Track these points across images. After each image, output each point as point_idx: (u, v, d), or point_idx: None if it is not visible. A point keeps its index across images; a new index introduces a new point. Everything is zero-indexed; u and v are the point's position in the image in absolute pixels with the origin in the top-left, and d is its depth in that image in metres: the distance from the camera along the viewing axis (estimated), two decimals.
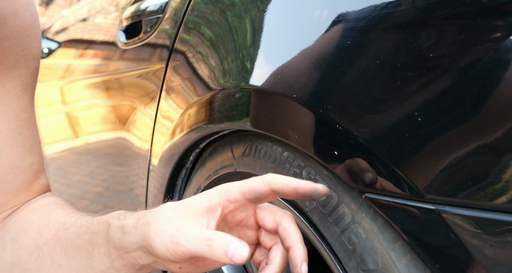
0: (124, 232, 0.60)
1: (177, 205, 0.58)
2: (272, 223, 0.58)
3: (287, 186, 0.54)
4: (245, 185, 0.56)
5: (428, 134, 0.45)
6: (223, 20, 0.81)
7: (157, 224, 0.57)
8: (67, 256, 0.67)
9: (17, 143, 0.75)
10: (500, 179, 0.41)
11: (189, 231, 0.54)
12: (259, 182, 0.56)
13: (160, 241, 0.55)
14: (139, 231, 0.58)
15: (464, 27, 0.44)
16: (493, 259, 0.41)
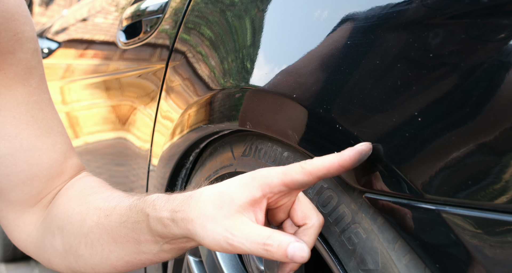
0: (164, 225, 0.60)
1: (217, 198, 0.56)
2: (300, 219, 0.57)
3: (332, 168, 0.52)
4: (287, 176, 0.54)
5: (428, 134, 0.45)
6: (223, 20, 0.81)
7: (202, 222, 0.56)
8: (116, 243, 0.68)
9: (32, 126, 0.76)
10: (500, 179, 0.41)
11: (243, 234, 0.53)
12: (301, 174, 0.54)
13: (212, 240, 0.55)
14: (182, 227, 0.58)
15: (465, 28, 0.44)
16: (493, 259, 0.41)
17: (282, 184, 0.54)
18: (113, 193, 0.75)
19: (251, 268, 0.77)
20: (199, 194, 0.58)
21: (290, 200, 0.57)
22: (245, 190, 0.55)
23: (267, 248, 0.52)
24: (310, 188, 0.62)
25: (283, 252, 0.51)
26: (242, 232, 0.53)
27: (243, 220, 0.54)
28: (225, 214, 0.55)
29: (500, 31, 0.41)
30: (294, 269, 0.59)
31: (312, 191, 0.62)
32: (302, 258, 0.51)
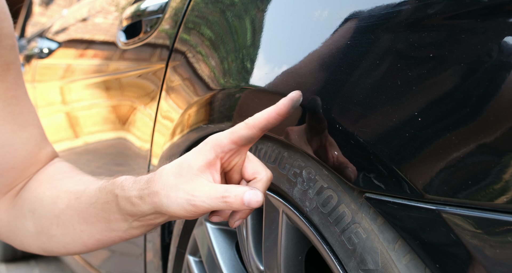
0: (133, 204, 0.65)
1: (176, 168, 0.61)
2: (250, 174, 0.63)
3: (270, 117, 0.58)
4: (234, 134, 0.60)
5: (428, 134, 0.45)
6: (223, 20, 0.81)
7: (165, 192, 0.61)
8: (87, 222, 0.73)
9: (9, 121, 0.78)
10: (500, 179, 0.41)
11: (202, 193, 0.59)
12: (246, 128, 0.59)
13: (176, 206, 0.60)
14: (149, 201, 0.62)
15: (465, 28, 0.44)
16: (493, 259, 0.41)
17: (231, 142, 0.60)
18: (82, 178, 0.79)
19: (251, 268, 0.77)
20: (161, 170, 0.63)
21: (241, 159, 0.63)
22: (200, 155, 0.61)
23: (226, 200, 0.58)
24: (310, 189, 0.62)
25: (240, 201, 0.57)
26: (202, 191, 0.59)
27: (201, 182, 0.60)
28: (185, 180, 0.60)
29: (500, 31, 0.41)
30: (244, 217, 0.64)
31: (312, 191, 0.62)
32: (257, 203, 0.57)
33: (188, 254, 0.96)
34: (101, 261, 1.50)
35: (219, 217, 0.65)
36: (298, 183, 0.64)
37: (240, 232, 0.80)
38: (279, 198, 0.69)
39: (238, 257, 0.87)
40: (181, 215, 0.61)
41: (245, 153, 0.63)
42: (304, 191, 0.63)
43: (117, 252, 1.36)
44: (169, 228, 1.06)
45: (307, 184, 0.63)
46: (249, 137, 0.59)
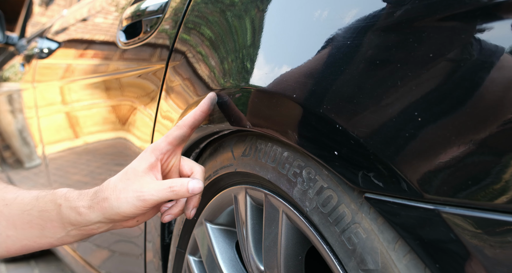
0: (80, 213, 0.71)
1: (123, 175, 0.71)
2: (188, 171, 0.76)
3: (196, 115, 0.72)
4: (169, 137, 0.72)
5: (428, 134, 0.45)
6: (223, 20, 0.81)
7: (115, 196, 0.69)
8: (16, 228, 0.76)
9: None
10: (500, 179, 0.41)
11: (150, 188, 0.69)
12: (178, 129, 0.72)
13: (126, 205, 0.68)
14: (98, 208, 0.70)
15: (465, 27, 0.44)
16: (493, 259, 0.41)
17: (167, 144, 0.71)
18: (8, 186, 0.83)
19: (251, 268, 0.77)
20: (108, 181, 0.71)
21: (177, 159, 0.75)
22: (142, 160, 0.71)
23: (173, 189, 0.68)
24: (310, 189, 0.62)
25: (185, 189, 0.68)
26: (149, 187, 0.69)
27: (147, 180, 0.70)
28: (132, 182, 0.69)
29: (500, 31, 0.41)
30: (196, 205, 0.75)
31: (312, 191, 0.62)
32: (200, 189, 0.69)
33: (188, 254, 0.96)
34: (101, 261, 1.50)
35: (171, 216, 0.75)
36: (298, 183, 0.64)
37: (240, 232, 0.80)
38: (279, 198, 0.69)
39: (238, 257, 0.87)
40: (131, 213, 0.69)
41: (179, 152, 0.74)
42: (304, 191, 0.63)
43: (117, 252, 1.36)
44: (169, 228, 1.06)
45: (307, 184, 0.63)
46: (182, 136, 0.72)
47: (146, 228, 1.12)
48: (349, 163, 0.54)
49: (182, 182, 0.68)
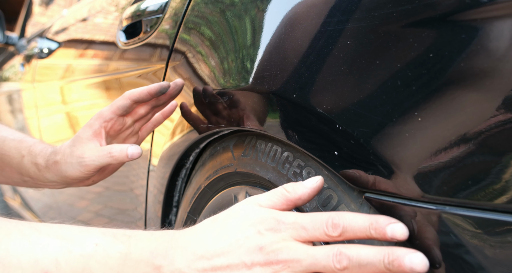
0: (39, 170, 0.77)
1: (71, 141, 0.76)
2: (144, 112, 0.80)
3: (142, 93, 0.75)
4: (113, 106, 0.76)
5: (428, 134, 0.45)
6: (223, 20, 0.81)
7: (64, 160, 0.75)
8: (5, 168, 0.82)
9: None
10: (500, 179, 0.41)
11: (91, 154, 0.73)
12: (122, 99, 0.75)
13: (72, 169, 0.74)
14: (52, 170, 0.76)
15: (464, 27, 0.44)
16: (493, 259, 0.41)
17: (111, 113, 0.76)
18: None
19: None
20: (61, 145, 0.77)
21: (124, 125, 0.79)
22: (87, 127, 0.75)
23: (112, 155, 0.72)
24: None
25: (125, 154, 0.72)
26: (90, 153, 0.73)
27: (89, 147, 0.74)
28: (77, 148, 0.74)
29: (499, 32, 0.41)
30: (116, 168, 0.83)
31: None
32: (138, 154, 0.74)
33: None
34: None
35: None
36: None
37: None
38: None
39: None
40: (77, 176, 0.75)
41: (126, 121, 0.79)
42: None
43: None
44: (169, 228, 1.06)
45: None
46: (125, 106, 0.75)
47: (146, 228, 1.12)
48: (349, 163, 0.54)
49: (121, 148, 0.72)
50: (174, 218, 1.04)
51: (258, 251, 0.48)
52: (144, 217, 1.11)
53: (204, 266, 0.48)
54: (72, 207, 1.68)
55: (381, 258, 0.44)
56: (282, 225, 0.49)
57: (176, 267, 0.49)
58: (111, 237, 0.51)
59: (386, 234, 0.44)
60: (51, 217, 1.95)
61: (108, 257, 0.49)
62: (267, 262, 0.47)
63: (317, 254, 0.46)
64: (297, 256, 0.47)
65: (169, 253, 0.50)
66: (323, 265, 0.46)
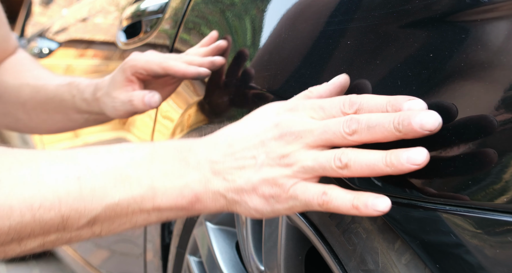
0: (88, 104, 0.84)
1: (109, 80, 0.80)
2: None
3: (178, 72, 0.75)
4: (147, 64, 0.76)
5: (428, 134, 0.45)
6: (223, 20, 0.81)
7: (102, 99, 0.81)
8: (48, 113, 0.90)
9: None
10: (500, 179, 0.41)
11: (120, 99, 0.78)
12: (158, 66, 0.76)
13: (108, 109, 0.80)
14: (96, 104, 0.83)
15: (464, 27, 0.44)
16: (493, 259, 0.41)
17: (143, 69, 0.76)
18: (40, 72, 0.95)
19: (251, 268, 0.77)
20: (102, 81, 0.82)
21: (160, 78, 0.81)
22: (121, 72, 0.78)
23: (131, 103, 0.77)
24: None
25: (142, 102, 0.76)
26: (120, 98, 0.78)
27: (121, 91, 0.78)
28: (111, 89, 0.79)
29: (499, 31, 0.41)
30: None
31: None
32: (156, 103, 0.76)
33: (188, 254, 0.96)
34: (101, 261, 1.51)
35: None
36: None
37: (240, 232, 0.80)
38: None
39: (238, 257, 0.87)
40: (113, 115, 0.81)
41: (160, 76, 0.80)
42: None
43: (117, 252, 1.37)
44: (169, 228, 1.06)
45: None
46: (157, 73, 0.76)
47: (146, 228, 1.12)
48: None
49: (137, 96, 0.76)
50: None
51: (273, 128, 0.49)
52: None
53: (225, 152, 0.51)
54: None
55: (391, 119, 0.43)
56: (301, 105, 0.50)
57: (199, 156, 0.51)
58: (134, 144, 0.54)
59: (403, 108, 0.43)
60: None
61: (135, 157, 0.51)
62: (282, 135, 0.48)
63: (329, 122, 0.47)
64: (309, 127, 0.48)
65: (193, 147, 0.53)
66: (333, 131, 0.46)
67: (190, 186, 0.50)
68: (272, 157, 0.48)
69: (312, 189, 0.47)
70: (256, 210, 0.50)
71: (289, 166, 0.48)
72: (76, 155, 0.50)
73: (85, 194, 0.47)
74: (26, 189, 0.45)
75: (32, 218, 0.45)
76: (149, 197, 0.50)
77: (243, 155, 0.50)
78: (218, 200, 0.51)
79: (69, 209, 0.47)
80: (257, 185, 0.49)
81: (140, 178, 0.50)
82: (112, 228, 0.51)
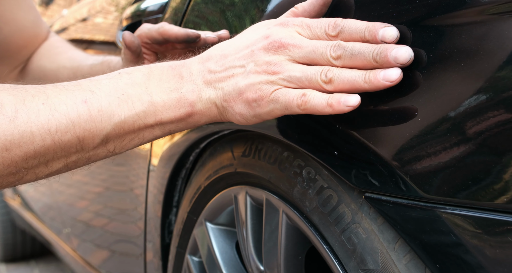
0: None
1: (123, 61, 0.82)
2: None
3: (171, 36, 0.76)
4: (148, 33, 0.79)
5: (428, 134, 0.45)
6: (223, 20, 0.81)
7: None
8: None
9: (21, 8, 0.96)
10: (500, 179, 0.41)
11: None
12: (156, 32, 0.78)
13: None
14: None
15: (464, 27, 0.44)
16: (493, 259, 0.41)
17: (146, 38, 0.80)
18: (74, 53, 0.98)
19: (251, 268, 0.77)
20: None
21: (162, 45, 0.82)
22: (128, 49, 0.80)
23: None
24: (310, 189, 0.62)
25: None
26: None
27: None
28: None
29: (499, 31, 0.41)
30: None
31: (312, 191, 0.62)
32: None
33: (188, 254, 0.96)
34: (101, 261, 1.51)
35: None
36: (298, 183, 0.64)
37: (240, 232, 0.80)
38: (279, 198, 0.69)
39: (238, 257, 0.87)
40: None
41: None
42: (304, 191, 0.63)
43: (117, 252, 1.36)
44: (169, 228, 1.06)
45: (307, 184, 0.63)
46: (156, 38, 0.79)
47: (146, 228, 1.12)
48: (349, 163, 0.54)
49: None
50: (174, 218, 1.04)
51: (264, 39, 0.53)
52: (144, 217, 1.11)
53: (218, 63, 0.55)
54: (72, 207, 1.68)
55: (372, 49, 0.47)
56: (290, 21, 0.53)
57: (192, 69, 0.56)
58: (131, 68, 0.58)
59: (377, 35, 0.47)
60: (51, 217, 1.96)
61: (133, 77, 0.56)
62: (271, 44, 0.52)
63: (317, 43, 0.50)
64: (299, 43, 0.51)
65: (186, 63, 0.57)
66: (321, 53, 0.50)
67: (185, 97, 0.55)
68: (259, 64, 0.52)
69: (293, 92, 0.51)
70: (240, 114, 0.54)
71: (275, 73, 0.51)
72: (79, 83, 0.55)
73: (94, 115, 0.52)
74: (41, 116, 0.50)
75: (52, 141, 0.50)
76: (150, 112, 0.54)
77: (233, 64, 0.54)
78: (211, 109, 0.56)
79: (82, 130, 0.52)
80: (243, 90, 0.53)
81: (140, 96, 0.54)
82: (124, 144, 0.56)
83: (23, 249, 2.71)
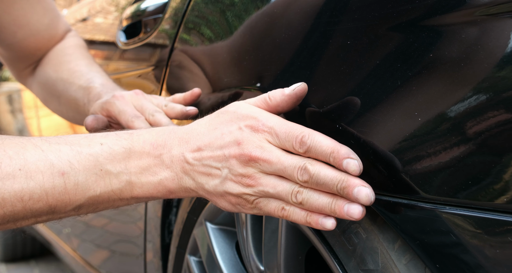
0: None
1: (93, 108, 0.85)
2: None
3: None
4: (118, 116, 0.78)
5: (428, 134, 0.45)
6: (223, 20, 0.81)
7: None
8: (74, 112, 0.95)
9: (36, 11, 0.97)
10: (500, 179, 0.41)
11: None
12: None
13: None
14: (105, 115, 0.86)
15: (464, 27, 0.44)
16: (493, 259, 0.41)
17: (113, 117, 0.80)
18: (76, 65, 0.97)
19: (251, 268, 0.77)
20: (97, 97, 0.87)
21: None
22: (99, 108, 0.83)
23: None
24: None
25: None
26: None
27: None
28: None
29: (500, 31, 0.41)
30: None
31: None
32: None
33: (188, 254, 0.96)
34: (101, 261, 1.51)
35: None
36: None
37: (240, 232, 0.80)
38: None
39: (238, 257, 0.87)
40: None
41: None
42: None
43: (117, 252, 1.37)
44: (169, 228, 1.06)
45: None
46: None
47: (146, 228, 1.12)
48: None
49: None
50: (174, 218, 1.04)
51: (236, 145, 0.54)
52: (144, 217, 1.11)
53: (195, 156, 0.56)
54: None
55: (336, 182, 0.49)
56: (261, 126, 0.54)
57: (172, 154, 0.57)
58: (114, 136, 0.58)
59: (342, 165, 0.49)
60: None
61: (114, 152, 0.56)
62: (242, 156, 0.53)
63: (286, 162, 0.52)
64: (269, 157, 0.53)
65: (167, 143, 0.58)
66: (289, 174, 0.52)
67: (164, 184, 0.57)
68: (234, 174, 0.54)
69: (273, 204, 0.53)
70: (225, 208, 0.57)
71: (250, 186, 0.53)
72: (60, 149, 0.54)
73: (69, 188, 0.53)
74: (16, 183, 0.51)
75: (23, 208, 0.51)
76: (127, 190, 0.56)
77: (209, 163, 0.55)
78: (190, 193, 0.58)
79: (55, 201, 0.53)
80: (223, 194, 0.55)
81: (118, 175, 0.55)
82: (96, 211, 0.58)
83: (23, 249, 2.71)
